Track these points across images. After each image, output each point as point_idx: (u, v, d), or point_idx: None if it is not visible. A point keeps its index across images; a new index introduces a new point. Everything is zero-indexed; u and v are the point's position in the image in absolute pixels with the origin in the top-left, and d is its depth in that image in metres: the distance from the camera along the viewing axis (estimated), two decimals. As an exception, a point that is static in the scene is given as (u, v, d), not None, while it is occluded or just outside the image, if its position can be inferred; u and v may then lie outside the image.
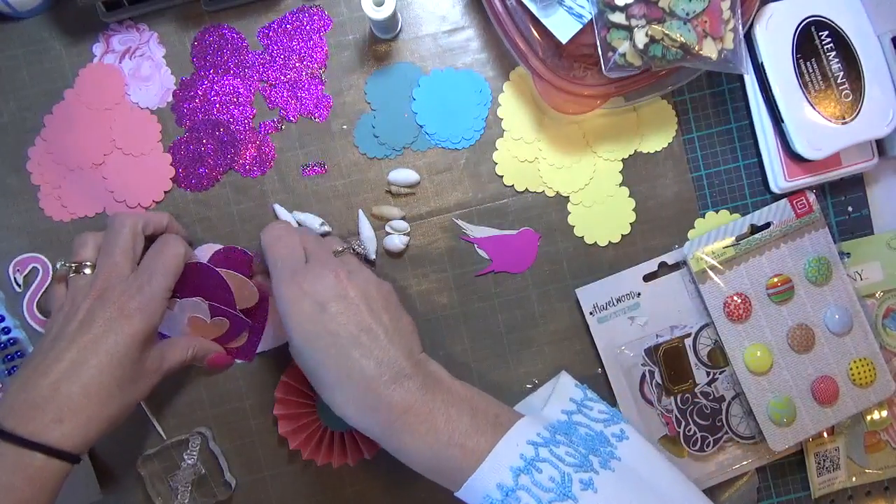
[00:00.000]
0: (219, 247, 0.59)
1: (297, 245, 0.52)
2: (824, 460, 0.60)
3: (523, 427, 0.46)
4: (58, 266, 0.52)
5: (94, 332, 0.48)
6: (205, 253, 0.58)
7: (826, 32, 0.56)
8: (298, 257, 0.51)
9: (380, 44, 0.59)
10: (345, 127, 0.59)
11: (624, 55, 0.51)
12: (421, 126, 0.59)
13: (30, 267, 0.58)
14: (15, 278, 0.58)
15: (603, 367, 0.60)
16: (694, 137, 0.61)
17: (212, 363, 0.57)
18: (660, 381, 0.59)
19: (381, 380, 0.47)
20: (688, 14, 0.50)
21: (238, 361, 0.59)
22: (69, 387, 0.47)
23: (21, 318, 0.58)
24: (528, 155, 0.59)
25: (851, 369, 0.58)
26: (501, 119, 0.59)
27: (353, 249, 0.57)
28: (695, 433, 0.58)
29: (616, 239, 0.60)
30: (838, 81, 0.56)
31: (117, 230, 0.52)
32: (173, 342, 0.54)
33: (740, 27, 0.52)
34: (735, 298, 0.58)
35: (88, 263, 0.52)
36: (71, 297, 0.51)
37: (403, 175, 0.59)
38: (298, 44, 0.59)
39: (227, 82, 0.59)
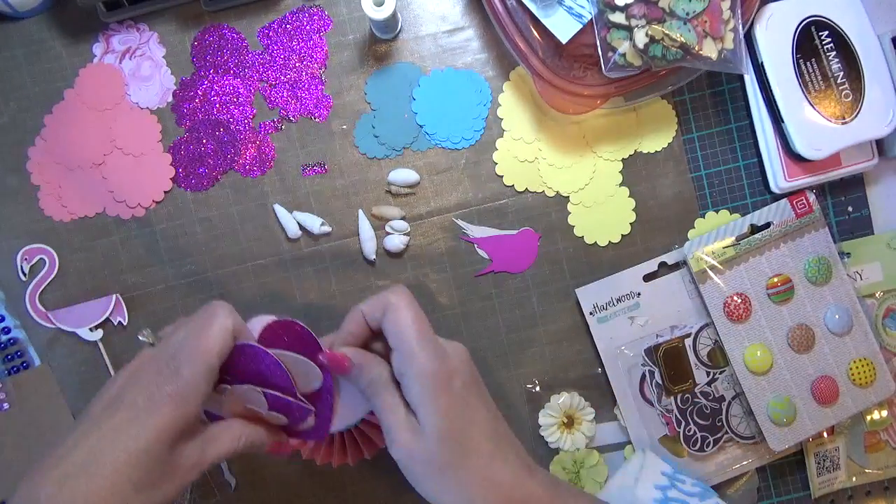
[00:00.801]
0: (271, 319, 0.48)
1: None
2: (824, 460, 0.60)
3: None
4: (139, 336, 0.46)
5: (116, 420, 0.40)
6: (256, 326, 0.48)
7: (826, 32, 0.56)
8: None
9: (380, 44, 0.59)
10: (345, 127, 0.59)
11: (624, 55, 0.51)
12: (421, 126, 0.59)
13: (37, 258, 0.58)
14: (21, 267, 0.58)
15: (603, 367, 0.60)
16: (694, 137, 0.61)
17: (272, 452, 0.48)
18: (660, 381, 0.59)
19: (524, 472, 0.44)
20: (688, 14, 0.50)
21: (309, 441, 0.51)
22: (76, 486, 0.38)
23: (22, 310, 0.58)
24: (528, 155, 0.59)
25: (851, 369, 0.58)
26: (501, 119, 0.59)
27: None
28: (695, 433, 0.58)
29: (616, 239, 0.60)
30: (838, 81, 0.56)
31: (211, 312, 0.44)
32: (219, 431, 0.44)
33: (740, 27, 0.52)
34: (735, 298, 0.58)
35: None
36: (118, 373, 0.44)
37: (403, 175, 0.59)
38: (298, 44, 0.59)
39: (227, 82, 0.59)
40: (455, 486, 0.43)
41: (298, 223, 0.59)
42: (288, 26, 0.59)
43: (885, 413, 0.61)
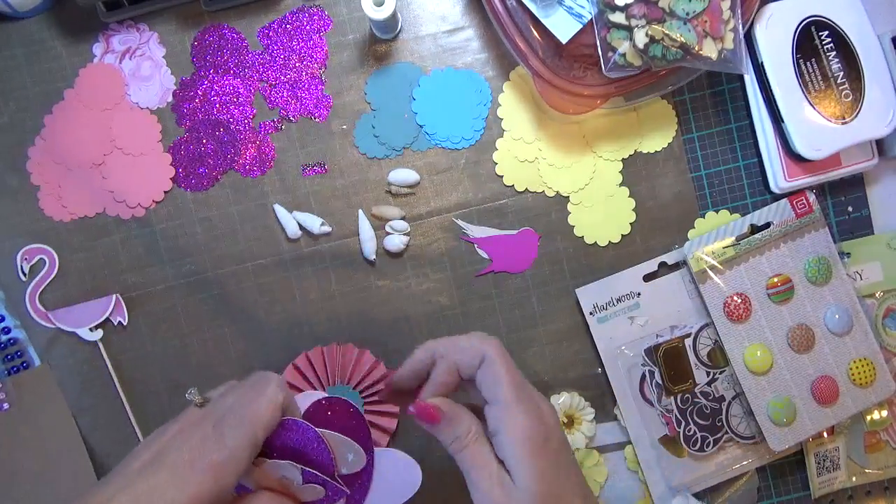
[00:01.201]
0: (321, 395, 0.48)
1: None
2: (824, 460, 0.60)
3: None
4: (187, 395, 0.45)
5: (154, 481, 0.39)
6: (304, 401, 0.48)
7: (826, 32, 0.56)
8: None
9: (380, 44, 0.59)
10: (345, 127, 0.59)
11: (624, 55, 0.51)
12: (421, 126, 0.59)
13: (37, 258, 0.58)
14: (21, 267, 0.58)
15: (603, 367, 0.60)
16: (694, 137, 0.61)
17: None
18: (660, 381, 0.59)
19: None
20: (688, 14, 0.50)
21: None
22: None
23: (22, 310, 0.58)
24: (528, 155, 0.59)
25: (851, 369, 0.58)
26: (501, 119, 0.59)
27: None
28: (695, 433, 0.58)
29: (616, 239, 0.60)
30: (838, 81, 0.56)
31: (263, 383, 0.43)
32: (248, 502, 0.43)
33: (740, 27, 0.52)
34: (735, 298, 0.58)
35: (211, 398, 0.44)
36: (163, 428, 0.43)
37: (403, 175, 0.59)
38: (298, 44, 0.59)
39: (227, 82, 0.59)
40: None
41: (298, 223, 0.59)
42: (288, 26, 0.59)
43: (885, 413, 0.61)
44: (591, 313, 0.59)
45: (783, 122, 0.57)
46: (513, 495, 0.41)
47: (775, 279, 0.58)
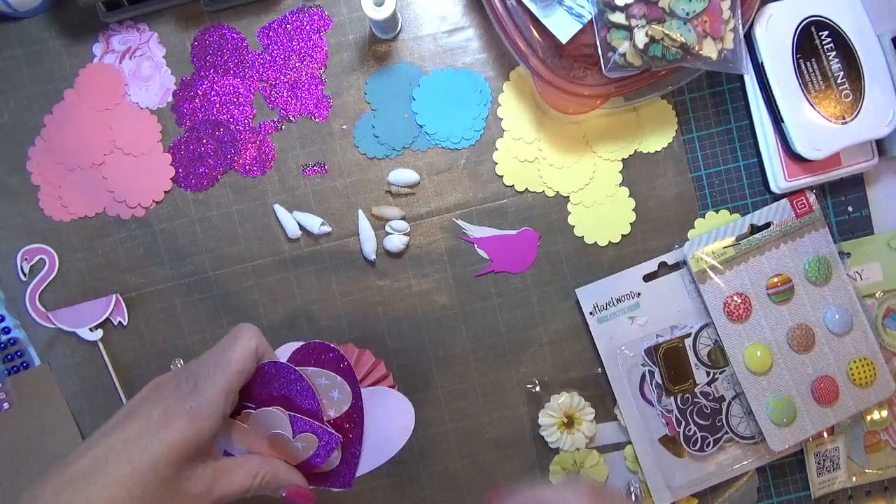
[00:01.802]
0: (299, 344, 0.47)
1: None
2: (824, 460, 0.60)
3: None
4: (171, 365, 0.46)
5: (128, 430, 0.39)
6: (284, 352, 0.48)
7: (826, 32, 0.56)
8: None
9: (380, 44, 0.59)
10: (345, 127, 0.59)
11: (624, 55, 0.51)
12: (421, 126, 0.59)
13: (37, 258, 0.58)
14: (22, 267, 0.58)
15: (603, 367, 0.60)
16: (694, 137, 0.61)
17: (292, 497, 0.45)
18: (660, 381, 0.59)
19: None
20: (688, 14, 0.50)
21: (333, 490, 0.48)
22: (73, 494, 0.37)
23: (22, 310, 0.58)
24: (528, 155, 0.59)
25: (851, 369, 0.58)
26: (501, 119, 0.59)
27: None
28: (695, 433, 0.58)
29: (616, 239, 0.60)
30: (838, 81, 0.56)
31: (235, 333, 0.44)
32: (235, 464, 0.43)
33: (740, 27, 0.52)
34: (735, 298, 0.58)
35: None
36: (141, 390, 0.43)
37: (403, 175, 0.59)
38: (298, 44, 0.59)
39: (227, 82, 0.59)
40: None
41: (298, 223, 0.59)
42: (288, 26, 0.59)
43: (885, 413, 0.61)
44: (591, 313, 0.59)
45: (783, 122, 0.57)
46: None
47: (775, 279, 0.58)
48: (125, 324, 0.59)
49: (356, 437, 0.47)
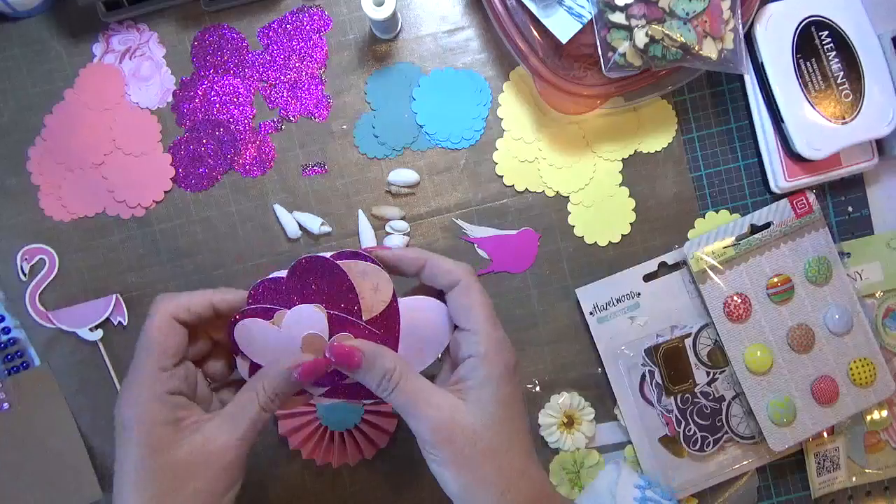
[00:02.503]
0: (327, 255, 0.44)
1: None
2: (824, 460, 0.60)
3: None
4: None
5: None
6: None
7: (826, 32, 0.56)
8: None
9: (380, 44, 0.59)
10: (345, 127, 0.59)
11: (624, 55, 0.51)
12: (421, 126, 0.59)
13: (37, 258, 0.58)
14: (22, 267, 0.58)
15: (603, 367, 0.60)
16: (694, 137, 0.61)
17: (305, 374, 0.42)
18: (660, 381, 0.59)
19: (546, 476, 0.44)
20: (688, 14, 0.50)
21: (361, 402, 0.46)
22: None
23: (22, 310, 0.58)
24: (528, 155, 0.59)
25: (851, 369, 0.58)
26: (501, 119, 0.59)
27: None
28: (695, 433, 0.58)
29: (616, 239, 0.60)
30: (838, 81, 0.56)
31: (149, 312, 0.43)
32: (223, 414, 0.42)
33: (740, 27, 0.52)
34: (735, 298, 0.58)
35: None
36: None
37: (403, 175, 0.59)
38: (298, 44, 0.59)
39: (227, 82, 0.59)
40: (495, 473, 0.41)
41: (298, 223, 0.59)
42: (288, 26, 0.59)
43: (885, 413, 0.61)
44: (591, 313, 0.59)
45: (783, 122, 0.57)
46: (468, 416, 0.41)
47: (775, 279, 0.58)
48: (125, 324, 0.59)
49: (391, 344, 0.45)
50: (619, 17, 0.50)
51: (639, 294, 0.59)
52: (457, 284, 0.44)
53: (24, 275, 0.58)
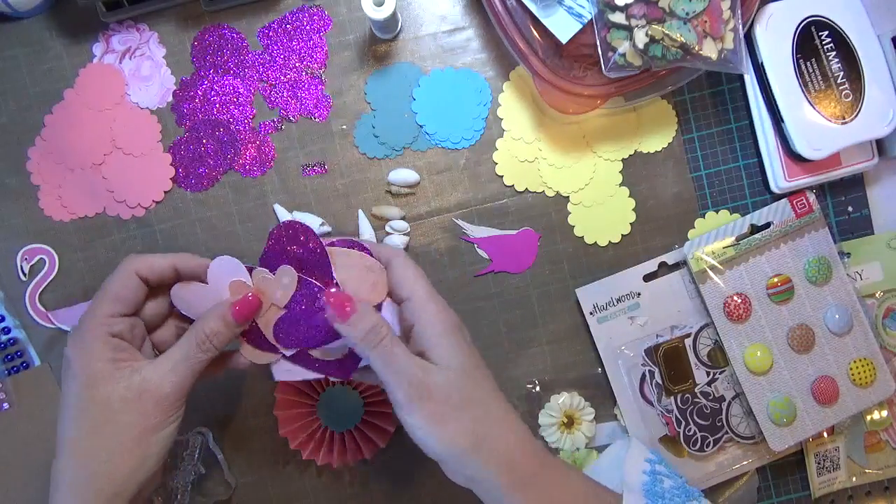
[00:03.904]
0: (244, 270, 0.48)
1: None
2: (824, 460, 0.60)
3: (630, 501, 0.47)
4: None
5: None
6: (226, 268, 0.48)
7: (826, 32, 0.56)
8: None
9: (380, 44, 0.59)
10: (345, 127, 0.59)
11: (624, 55, 0.51)
12: (421, 126, 0.59)
13: (37, 258, 0.59)
14: (21, 267, 0.58)
15: (603, 367, 0.60)
16: (694, 137, 0.61)
17: (240, 311, 0.46)
18: (660, 381, 0.59)
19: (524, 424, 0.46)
20: (688, 14, 0.50)
21: (332, 379, 0.49)
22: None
23: (22, 310, 0.58)
24: (528, 155, 0.59)
25: (851, 369, 0.58)
26: (501, 119, 0.59)
27: None
28: (695, 433, 0.58)
29: (616, 239, 0.60)
30: (838, 81, 0.56)
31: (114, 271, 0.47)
32: (162, 356, 0.45)
33: (740, 27, 0.52)
34: (735, 298, 0.58)
35: None
36: None
37: (403, 175, 0.59)
38: (298, 44, 0.59)
39: (227, 82, 0.59)
40: (471, 423, 0.43)
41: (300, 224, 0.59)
42: (288, 26, 0.59)
43: (885, 413, 0.61)
44: (591, 313, 0.59)
45: (783, 122, 0.57)
46: (438, 374, 0.43)
47: (775, 279, 0.58)
48: (125, 324, 0.59)
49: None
50: (619, 17, 0.50)
51: (639, 294, 0.59)
52: (389, 264, 0.47)
53: (24, 275, 0.58)
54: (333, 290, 0.45)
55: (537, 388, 0.61)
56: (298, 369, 0.48)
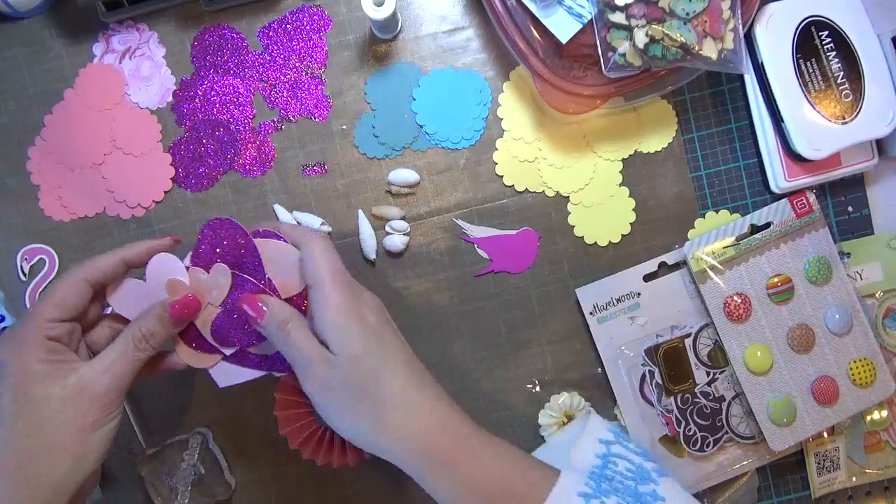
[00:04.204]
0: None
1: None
2: (824, 460, 0.60)
3: (565, 484, 0.45)
4: None
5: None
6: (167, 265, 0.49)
7: (826, 32, 0.56)
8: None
9: (380, 44, 0.59)
10: (345, 127, 0.59)
11: (624, 55, 0.51)
12: (421, 126, 0.59)
13: (37, 258, 0.59)
14: (22, 267, 0.58)
15: (603, 367, 0.60)
16: (694, 137, 0.61)
17: (178, 311, 0.47)
18: (660, 381, 0.59)
19: (442, 402, 0.46)
20: (688, 14, 0.50)
21: (275, 374, 0.50)
22: None
23: (23, 310, 0.58)
24: (528, 155, 0.59)
25: (851, 369, 0.58)
26: (501, 119, 0.59)
27: None
28: (695, 433, 0.58)
29: (616, 239, 0.60)
30: (838, 81, 0.56)
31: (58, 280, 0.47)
32: (99, 355, 0.45)
33: (740, 27, 0.52)
34: (735, 298, 0.58)
35: None
36: None
37: (403, 175, 0.59)
38: (298, 44, 0.59)
39: (227, 82, 0.59)
40: (369, 410, 0.44)
41: (298, 223, 0.59)
42: (288, 26, 0.59)
43: (885, 413, 0.61)
44: (591, 313, 0.59)
45: (783, 122, 0.57)
46: (331, 362, 0.44)
47: (775, 279, 0.58)
48: (125, 324, 0.59)
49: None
50: (619, 17, 0.50)
51: (639, 294, 0.59)
52: (300, 249, 0.47)
53: (24, 275, 0.58)
54: (263, 282, 0.47)
55: (537, 388, 0.61)
56: (240, 370, 0.49)
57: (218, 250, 0.47)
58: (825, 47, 0.56)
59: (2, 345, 0.44)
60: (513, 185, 0.60)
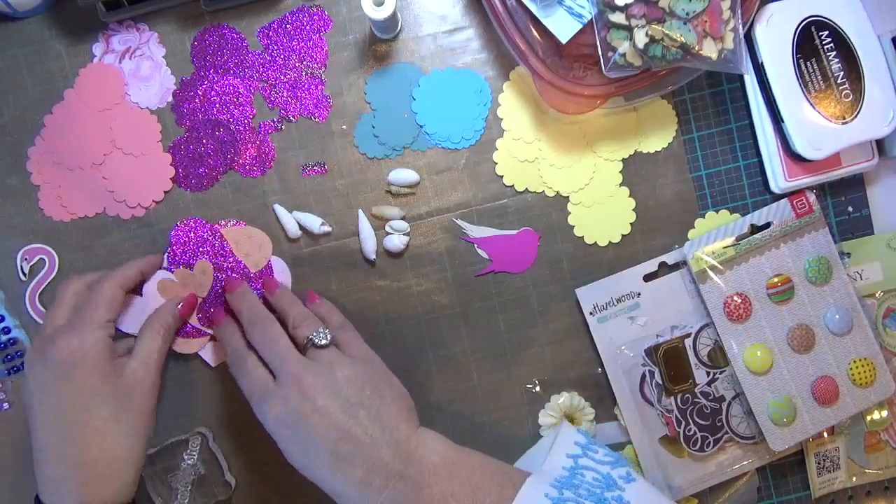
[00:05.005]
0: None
1: (258, 369, 0.51)
2: (824, 460, 0.60)
3: (530, 490, 0.46)
4: None
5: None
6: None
7: (826, 32, 0.56)
8: (263, 382, 0.50)
9: (380, 44, 0.59)
10: (345, 127, 0.59)
11: (624, 55, 0.51)
12: (421, 126, 0.59)
13: (37, 258, 0.59)
14: (21, 267, 0.58)
15: (603, 367, 0.60)
16: (694, 137, 0.61)
17: (186, 306, 0.57)
18: (660, 381, 0.59)
19: (371, 488, 0.46)
20: (688, 14, 0.50)
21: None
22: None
23: (22, 310, 0.58)
24: (528, 155, 0.59)
25: (851, 369, 0.58)
26: (501, 119, 0.59)
27: (318, 338, 0.52)
28: (695, 433, 0.58)
29: (616, 239, 0.60)
30: (838, 81, 0.56)
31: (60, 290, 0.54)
32: (136, 351, 0.53)
33: (740, 27, 0.52)
34: (735, 298, 0.58)
35: None
36: None
37: (403, 175, 0.59)
38: (298, 44, 0.59)
39: (227, 82, 0.59)
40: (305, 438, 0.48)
41: (298, 223, 0.59)
42: (288, 26, 0.59)
43: (885, 413, 0.61)
44: (591, 313, 0.59)
45: (783, 122, 0.57)
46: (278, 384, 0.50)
47: (775, 279, 0.58)
48: (125, 324, 0.59)
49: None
50: (619, 17, 0.50)
51: (639, 294, 0.59)
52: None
53: (24, 275, 0.58)
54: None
55: (537, 388, 0.61)
56: None
57: (192, 246, 0.57)
58: (825, 47, 0.56)
59: (66, 347, 0.49)
60: (513, 185, 0.60)
